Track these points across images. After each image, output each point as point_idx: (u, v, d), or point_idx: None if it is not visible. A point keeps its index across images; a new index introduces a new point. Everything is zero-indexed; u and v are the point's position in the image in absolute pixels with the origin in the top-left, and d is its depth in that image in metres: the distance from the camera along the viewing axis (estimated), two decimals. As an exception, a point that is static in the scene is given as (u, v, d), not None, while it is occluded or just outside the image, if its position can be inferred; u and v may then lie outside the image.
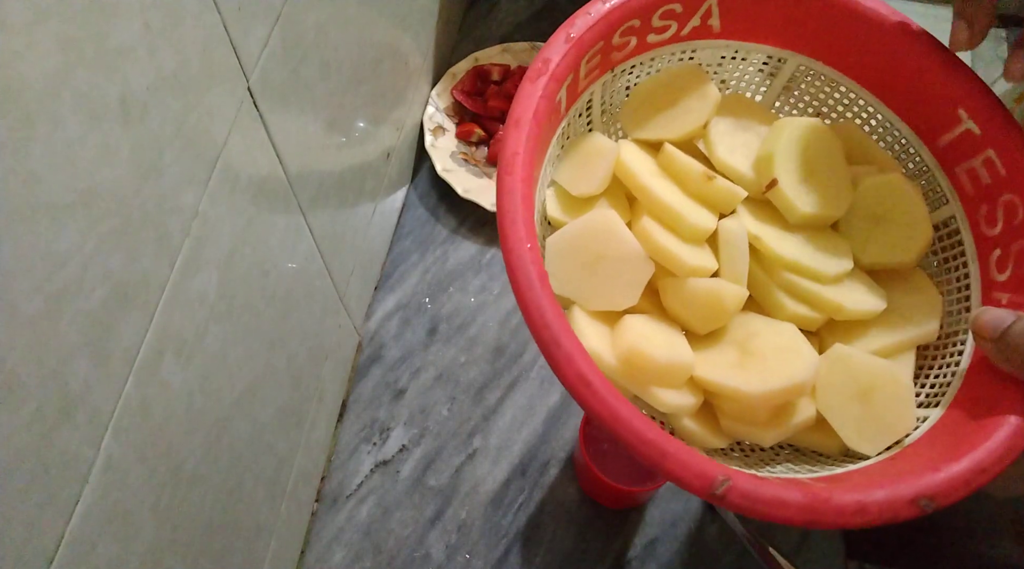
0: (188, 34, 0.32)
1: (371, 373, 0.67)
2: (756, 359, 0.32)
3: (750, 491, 0.26)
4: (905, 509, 0.26)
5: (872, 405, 0.32)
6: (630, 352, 0.31)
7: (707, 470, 0.26)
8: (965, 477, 0.27)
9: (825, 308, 0.34)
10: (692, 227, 0.34)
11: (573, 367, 0.27)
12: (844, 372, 0.32)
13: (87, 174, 0.27)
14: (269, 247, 0.45)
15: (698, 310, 0.34)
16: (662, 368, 0.31)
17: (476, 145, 0.78)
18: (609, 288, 0.33)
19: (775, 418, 0.32)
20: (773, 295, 0.35)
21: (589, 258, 0.33)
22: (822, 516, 0.26)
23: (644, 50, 0.37)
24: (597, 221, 0.33)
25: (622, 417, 0.27)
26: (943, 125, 0.35)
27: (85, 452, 0.29)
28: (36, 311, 0.25)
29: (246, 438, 0.45)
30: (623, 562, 0.59)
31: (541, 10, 0.89)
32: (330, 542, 0.60)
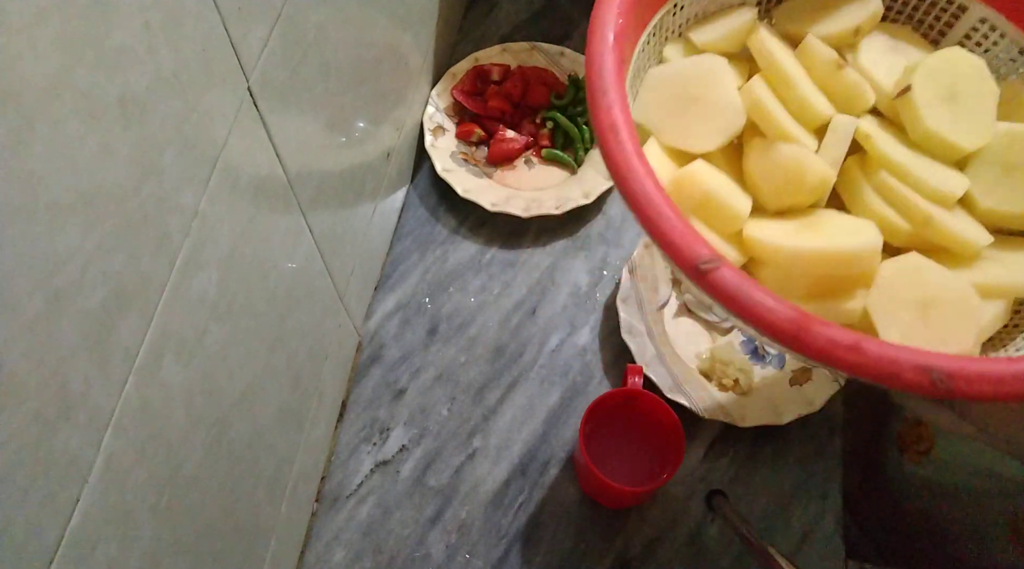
0: (188, 34, 0.32)
1: (371, 373, 0.67)
2: (814, 230, 0.30)
3: (738, 281, 0.24)
4: (912, 373, 0.23)
5: (929, 318, 0.29)
6: (685, 173, 0.30)
7: (698, 244, 0.25)
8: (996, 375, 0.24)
9: (914, 216, 0.31)
10: (805, 101, 0.33)
11: (609, 116, 0.27)
12: (911, 278, 0.30)
13: (87, 174, 0.27)
14: (269, 247, 0.45)
15: (777, 176, 0.32)
16: (709, 199, 0.30)
17: (476, 145, 0.78)
18: (693, 128, 0.32)
19: (815, 294, 0.30)
20: (861, 194, 0.33)
21: (685, 96, 0.32)
22: (810, 337, 0.24)
23: None
24: (704, 62, 0.33)
25: (635, 170, 0.26)
26: None
27: (85, 452, 0.29)
28: (36, 311, 0.25)
29: (246, 438, 0.45)
30: (623, 562, 0.59)
31: (541, 10, 0.89)
32: (330, 542, 0.60)
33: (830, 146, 0.33)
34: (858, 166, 0.33)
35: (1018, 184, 0.32)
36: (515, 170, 0.77)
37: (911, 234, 0.32)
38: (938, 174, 0.32)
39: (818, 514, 0.61)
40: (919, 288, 0.30)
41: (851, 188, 0.33)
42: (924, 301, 0.29)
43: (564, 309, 0.70)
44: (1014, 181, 0.32)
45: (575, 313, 0.70)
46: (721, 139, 0.32)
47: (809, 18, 0.36)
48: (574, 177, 0.76)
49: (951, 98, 0.34)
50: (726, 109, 0.32)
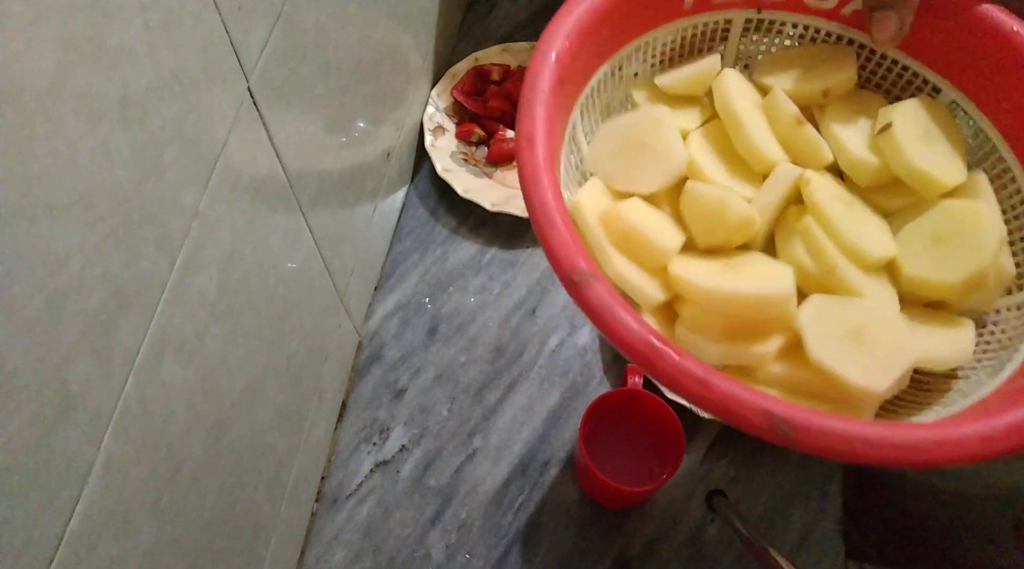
0: (188, 34, 0.32)
1: (371, 373, 0.67)
2: (735, 273, 0.32)
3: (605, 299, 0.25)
4: (756, 417, 0.24)
5: (868, 342, 0.30)
6: (611, 209, 0.32)
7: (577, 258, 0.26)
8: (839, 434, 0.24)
9: (822, 262, 0.32)
10: (752, 145, 0.34)
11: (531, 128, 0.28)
12: (830, 316, 0.30)
13: (87, 174, 0.27)
14: (269, 247, 0.45)
15: (702, 215, 0.33)
16: (634, 235, 0.31)
17: (476, 145, 0.78)
18: (637, 172, 0.34)
19: (729, 335, 0.30)
20: (789, 239, 0.34)
21: (632, 144, 0.35)
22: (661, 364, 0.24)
23: (798, 10, 0.37)
24: (650, 113, 0.35)
25: (541, 180, 0.28)
26: None
27: (85, 452, 0.29)
28: (36, 311, 0.25)
29: (246, 438, 0.45)
30: (623, 562, 0.59)
31: (541, 10, 0.89)
32: (330, 542, 0.60)
33: (767, 190, 0.34)
34: (794, 216, 0.34)
35: (943, 256, 0.33)
36: (515, 170, 0.77)
37: (819, 282, 0.32)
38: (862, 232, 0.33)
39: (818, 514, 0.61)
40: (839, 322, 0.30)
41: (783, 234, 0.35)
42: (852, 331, 0.30)
43: (564, 309, 0.70)
44: (940, 253, 0.33)
45: (575, 313, 0.70)
46: (661, 181, 0.34)
47: (783, 74, 0.38)
48: (574, 177, 0.76)
49: (927, 138, 0.35)
50: (669, 155, 0.34)
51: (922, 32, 0.35)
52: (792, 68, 0.38)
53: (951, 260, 0.32)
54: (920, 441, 0.24)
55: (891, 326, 0.30)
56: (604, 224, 0.32)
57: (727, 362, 0.31)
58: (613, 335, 0.25)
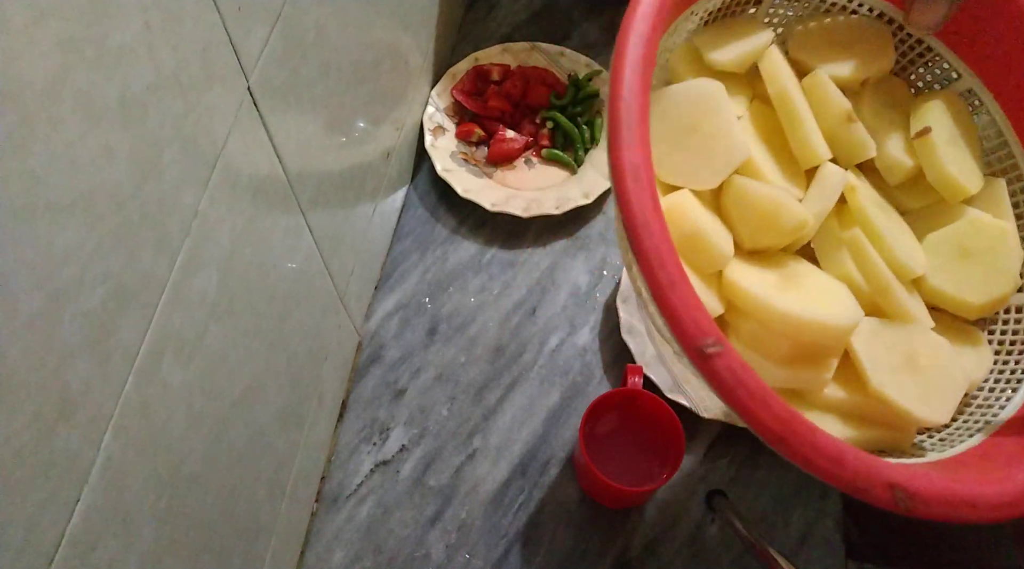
0: (188, 34, 0.32)
1: (371, 373, 0.67)
2: (797, 289, 0.30)
3: (738, 370, 0.23)
4: (881, 489, 0.24)
5: (924, 370, 0.29)
6: (673, 206, 0.28)
7: (705, 323, 0.24)
8: (953, 499, 0.24)
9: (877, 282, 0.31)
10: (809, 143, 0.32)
11: (630, 155, 0.25)
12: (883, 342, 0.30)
13: (87, 174, 0.27)
14: (269, 247, 0.45)
15: (753, 216, 0.31)
16: (697, 237, 0.28)
17: (476, 145, 0.78)
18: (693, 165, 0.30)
19: (792, 359, 0.29)
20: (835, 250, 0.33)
21: (682, 125, 0.30)
22: (797, 442, 0.24)
23: None
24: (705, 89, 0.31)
25: (652, 226, 0.24)
26: None
27: (85, 452, 0.29)
28: (36, 311, 0.25)
29: (246, 438, 0.45)
30: (623, 562, 0.59)
31: (541, 10, 0.89)
32: (330, 542, 0.60)
33: (816, 196, 0.32)
34: (836, 219, 0.33)
35: (968, 274, 0.32)
36: (515, 170, 0.77)
37: (868, 300, 0.31)
38: (907, 246, 0.32)
39: (818, 514, 0.61)
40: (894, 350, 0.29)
41: (825, 241, 0.33)
42: (907, 359, 0.29)
43: (564, 309, 0.70)
44: (965, 267, 0.32)
45: (575, 313, 0.70)
46: (721, 176, 0.31)
47: (822, 53, 0.35)
48: (574, 177, 0.76)
49: (955, 143, 0.34)
50: (727, 144, 0.30)
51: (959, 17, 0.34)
52: (830, 47, 0.35)
53: (975, 280, 0.32)
54: (1009, 496, 0.25)
55: (942, 352, 0.30)
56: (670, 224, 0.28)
57: (788, 385, 0.30)
58: (745, 412, 0.24)
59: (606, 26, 0.87)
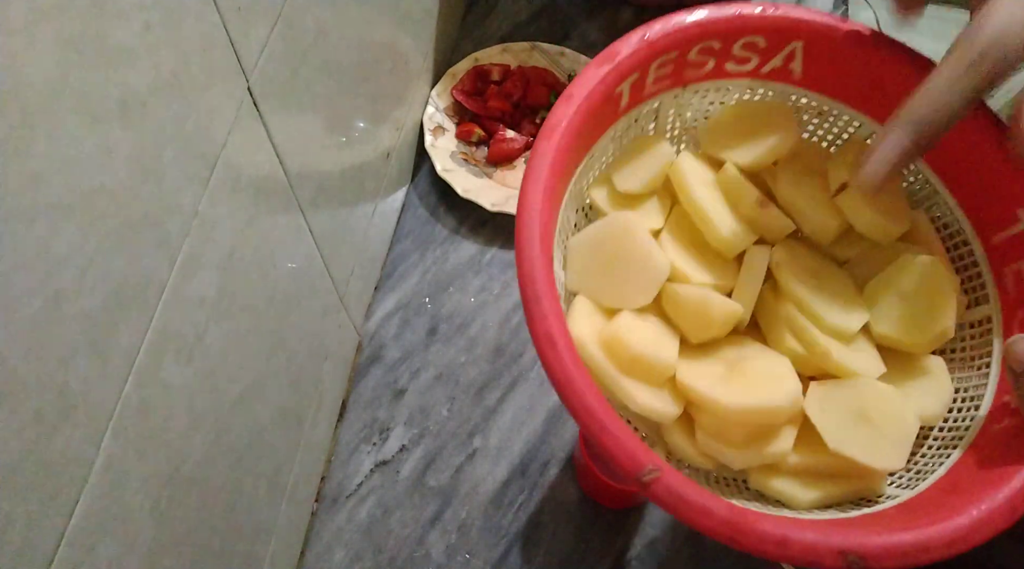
0: (188, 34, 0.32)
1: (371, 373, 0.67)
2: (740, 377, 0.33)
3: (675, 489, 0.26)
4: (831, 559, 0.26)
5: (875, 422, 0.31)
6: (610, 337, 0.32)
7: (639, 455, 0.27)
8: (903, 549, 0.26)
9: (815, 350, 0.33)
10: (722, 237, 0.35)
11: (544, 325, 0.28)
12: (833, 406, 0.32)
13: (87, 174, 0.27)
14: (269, 247, 0.45)
15: (688, 317, 0.34)
16: (637, 358, 0.32)
17: (476, 145, 0.78)
18: (623, 288, 0.34)
19: (749, 441, 0.32)
20: (775, 326, 0.35)
21: (606, 257, 0.34)
22: (743, 537, 0.26)
23: (720, 76, 0.38)
24: (617, 223, 0.34)
25: (575, 384, 0.28)
26: (1000, 222, 0.33)
27: (85, 452, 0.29)
28: (36, 311, 0.25)
29: (246, 438, 0.45)
30: (623, 562, 0.59)
31: (541, 10, 0.89)
32: (330, 542, 0.60)
33: (744, 281, 0.35)
34: (771, 293, 0.36)
35: (910, 313, 0.34)
36: (515, 170, 0.77)
37: (814, 364, 0.34)
38: (839, 309, 0.34)
39: (818, 514, 0.61)
40: (844, 408, 0.32)
41: (767, 317, 0.36)
42: (858, 414, 0.32)
43: (564, 309, 0.70)
44: (906, 311, 0.34)
45: (575, 313, 0.70)
46: (650, 295, 0.34)
47: (731, 146, 0.38)
48: (574, 177, 0.76)
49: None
50: (649, 266, 0.34)
51: (830, 70, 0.37)
52: (738, 136, 0.38)
53: (917, 320, 0.34)
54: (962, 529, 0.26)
55: (890, 401, 0.32)
56: (608, 352, 0.32)
57: (752, 465, 0.32)
58: (691, 522, 0.26)
59: (606, 26, 0.87)
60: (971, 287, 0.35)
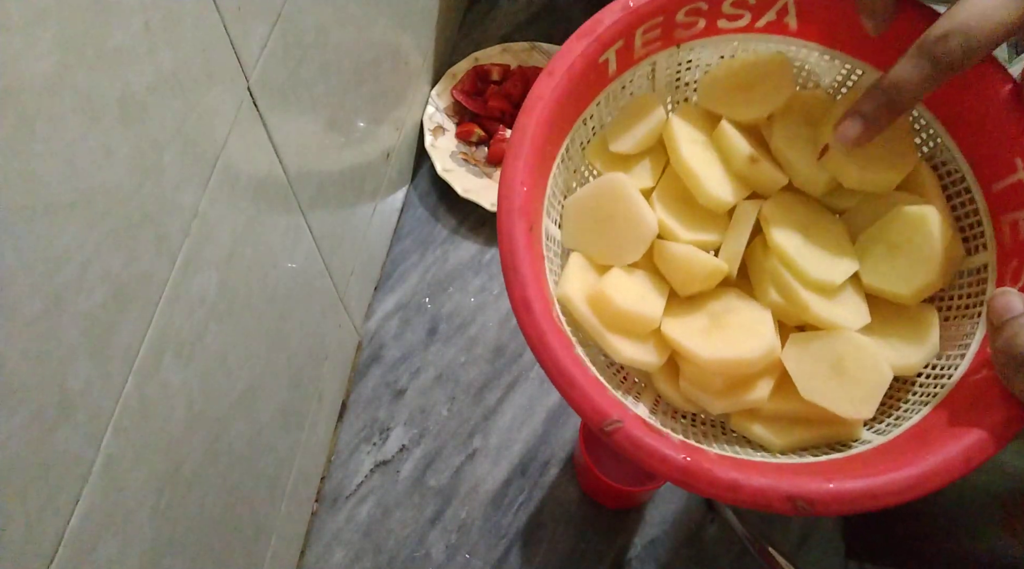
0: (188, 34, 0.32)
1: (371, 373, 0.67)
2: (720, 330, 0.34)
3: (636, 438, 0.28)
4: (780, 502, 0.27)
5: (849, 373, 0.32)
6: (597, 294, 0.34)
7: (603, 407, 0.28)
8: (851, 496, 0.27)
9: (795, 303, 0.34)
10: (709, 195, 0.36)
11: (522, 292, 0.30)
12: (809, 356, 0.33)
13: (87, 174, 0.27)
14: (269, 247, 0.45)
15: (675, 272, 0.36)
16: (621, 313, 0.33)
17: (476, 145, 0.78)
18: (614, 246, 0.36)
19: (727, 390, 0.33)
20: (760, 279, 0.36)
21: (599, 217, 0.36)
22: (696, 481, 0.28)
23: (714, 34, 0.38)
24: (607, 182, 0.36)
25: (548, 343, 0.29)
26: (1001, 170, 0.34)
27: (85, 452, 0.29)
28: (36, 311, 0.25)
29: (246, 438, 0.45)
30: (623, 562, 0.59)
31: (541, 10, 0.89)
32: (330, 542, 0.60)
33: (731, 237, 0.36)
34: (761, 247, 0.36)
35: (897, 264, 0.35)
36: (515, 170, 0.77)
37: (797, 316, 0.35)
38: (823, 263, 0.35)
39: (818, 514, 0.61)
40: (821, 359, 0.33)
41: (756, 271, 0.37)
42: (833, 365, 0.33)
43: (564, 309, 0.70)
44: (894, 263, 0.35)
45: (575, 313, 0.70)
46: (639, 252, 0.35)
47: (727, 99, 0.39)
48: (574, 177, 0.76)
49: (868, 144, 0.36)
50: (639, 223, 0.35)
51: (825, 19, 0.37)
52: (734, 91, 0.39)
53: (904, 270, 0.35)
54: (912, 478, 0.27)
55: (866, 352, 0.33)
56: (594, 308, 0.34)
57: (730, 410, 0.34)
58: (649, 467, 0.28)
59: (606, 26, 0.87)
60: (972, 235, 0.36)
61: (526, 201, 0.32)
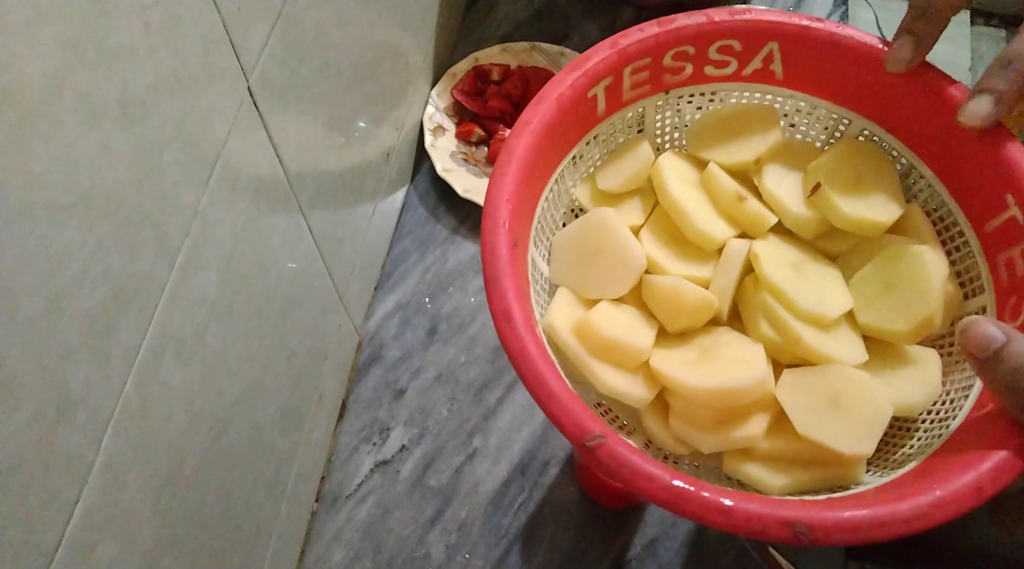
0: (188, 34, 0.32)
1: (371, 373, 0.67)
2: (710, 362, 0.33)
3: (620, 454, 0.27)
4: (776, 529, 0.26)
5: (846, 408, 0.31)
6: (583, 323, 0.33)
7: (584, 421, 0.27)
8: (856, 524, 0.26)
9: (787, 336, 0.33)
10: (698, 230, 0.36)
11: (502, 303, 0.30)
12: (804, 391, 0.32)
13: (87, 174, 0.27)
14: (269, 247, 0.45)
15: (663, 306, 0.35)
16: (608, 343, 0.33)
17: (476, 145, 0.78)
18: (602, 279, 0.35)
19: (719, 424, 0.32)
20: (752, 314, 0.35)
21: (587, 252, 0.36)
22: (684, 502, 0.26)
23: (702, 81, 0.38)
24: (596, 217, 0.36)
25: (528, 354, 0.29)
26: (992, 209, 0.33)
27: (85, 452, 0.29)
28: (36, 311, 0.25)
29: (246, 438, 0.45)
30: (623, 562, 0.59)
31: (541, 10, 0.89)
32: (330, 542, 0.60)
33: (721, 272, 0.36)
34: (752, 284, 0.36)
35: (893, 302, 0.34)
36: (515, 170, 0.77)
37: (790, 352, 0.34)
38: (816, 296, 0.34)
39: (818, 514, 0.61)
40: (816, 394, 0.32)
41: (746, 306, 0.36)
42: (830, 400, 0.32)
43: (564, 309, 0.70)
44: (890, 301, 0.34)
45: (575, 313, 0.70)
46: (627, 285, 0.35)
47: (715, 145, 0.39)
48: (574, 177, 0.76)
49: (858, 183, 0.36)
50: (627, 258, 0.35)
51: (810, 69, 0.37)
52: (722, 137, 0.39)
53: (900, 308, 0.34)
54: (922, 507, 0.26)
55: (863, 387, 0.32)
56: (580, 338, 0.33)
57: (723, 448, 0.33)
58: (634, 487, 0.27)
59: (606, 26, 0.87)
60: (968, 279, 0.35)
61: (512, 217, 0.32)
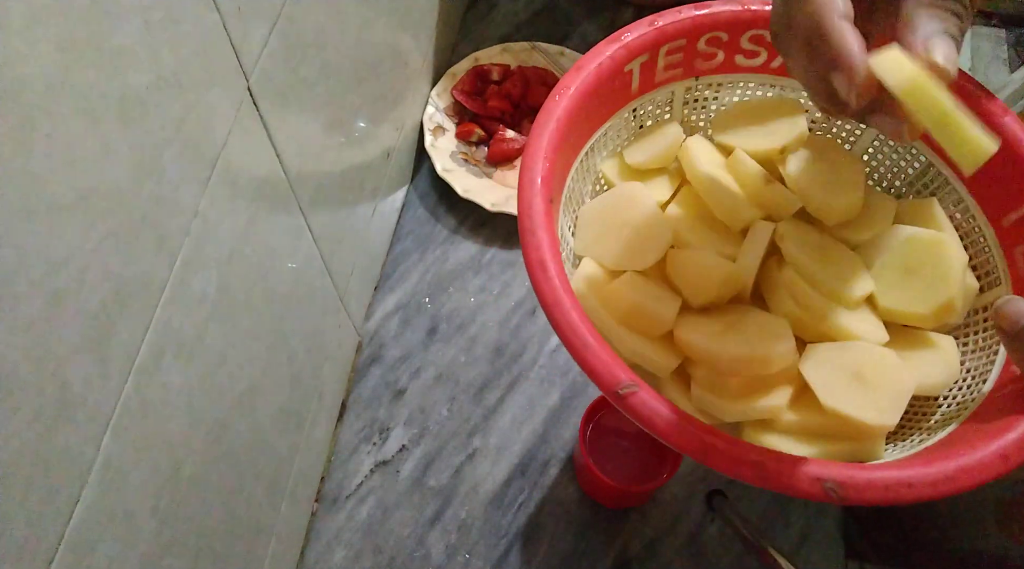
0: (188, 34, 0.32)
1: (371, 373, 0.67)
2: (737, 333, 0.34)
3: (651, 403, 0.27)
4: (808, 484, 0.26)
5: (870, 381, 0.32)
6: (610, 290, 0.34)
7: (617, 371, 0.28)
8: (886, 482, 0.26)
9: (812, 312, 0.34)
10: (727, 206, 0.37)
11: (538, 253, 0.30)
12: (828, 365, 0.33)
13: (87, 174, 0.27)
14: (269, 247, 0.45)
15: (688, 278, 0.36)
16: (634, 308, 0.33)
17: (476, 145, 0.78)
18: (629, 251, 0.36)
19: (743, 394, 0.33)
20: (776, 291, 0.36)
21: (615, 224, 0.37)
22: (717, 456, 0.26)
23: (731, 70, 0.39)
24: (624, 191, 0.37)
25: (562, 303, 0.29)
26: (1010, 204, 0.34)
27: (85, 452, 0.29)
28: (36, 311, 0.25)
29: (246, 438, 0.45)
30: (623, 562, 0.59)
31: (541, 10, 0.89)
32: (330, 542, 0.60)
33: (747, 250, 0.36)
34: (775, 265, 0.37)
35: (914, 286, 0.35)
36: (515, 170, 0.77)
37: (813, 328, 0.35)
38: (841, 275, 0.35)
39: (818, 514, 0.61)
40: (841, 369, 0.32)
41: (769, 285, 0.37)
42: (855, 374, 0.32)
43: (564, 309, 0.70)
44: (911, 284, 0.35)
45: (575, 313, 0.70)
46: (654, 257, 0.36)
47: (740, 133, 0.40)
48: (574, 177, 0.76)
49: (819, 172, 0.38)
50: (654, 231, 0.36)
51: None
52: (747, 125, 0.40)
53: (921, 292, 0.35)
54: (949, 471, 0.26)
55: (887, 362, 0.32)
56: (606, 305, 0.34)
57: (745, 418, 0.33)
58: (665, 437, 0.27)
59: (606, 26, 0.87)
60: (984, 272, 0.36)
61: (547, 175, 0.32)
